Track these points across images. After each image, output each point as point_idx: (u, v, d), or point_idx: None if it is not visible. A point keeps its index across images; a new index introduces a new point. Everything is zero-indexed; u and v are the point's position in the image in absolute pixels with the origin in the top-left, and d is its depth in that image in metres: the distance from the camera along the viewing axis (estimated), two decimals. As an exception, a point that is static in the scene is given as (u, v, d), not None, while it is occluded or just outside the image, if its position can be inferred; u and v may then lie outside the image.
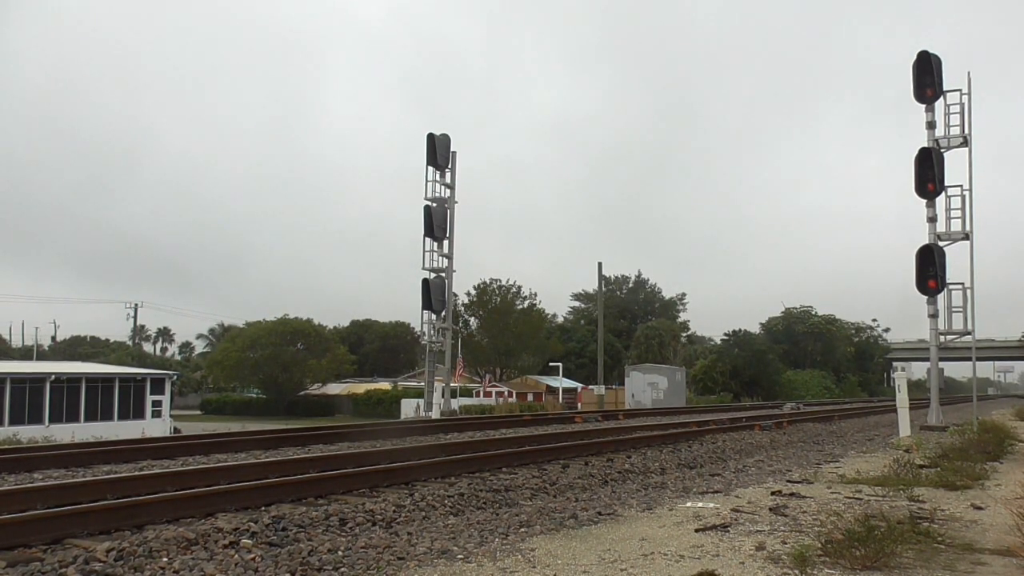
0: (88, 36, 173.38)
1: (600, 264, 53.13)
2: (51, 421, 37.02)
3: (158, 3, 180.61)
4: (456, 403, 37.73)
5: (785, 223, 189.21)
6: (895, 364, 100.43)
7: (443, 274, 29.57)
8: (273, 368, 68.92)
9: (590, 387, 56.40)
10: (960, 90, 22.47)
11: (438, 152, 29.63)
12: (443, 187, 29.81)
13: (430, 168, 29.67)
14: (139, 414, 41.24)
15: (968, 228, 21.99)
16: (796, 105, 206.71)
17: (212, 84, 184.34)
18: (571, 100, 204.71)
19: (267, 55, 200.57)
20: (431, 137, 29.58)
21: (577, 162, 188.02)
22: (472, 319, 73.31)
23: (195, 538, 6.51)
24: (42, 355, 77.88)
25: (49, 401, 37.56)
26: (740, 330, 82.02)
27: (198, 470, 9.77)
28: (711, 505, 8.80)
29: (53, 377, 38.22)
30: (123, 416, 40.12)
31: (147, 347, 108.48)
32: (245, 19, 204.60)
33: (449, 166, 30.04)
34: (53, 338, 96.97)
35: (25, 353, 78.91)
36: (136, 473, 9.91)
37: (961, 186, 22.20)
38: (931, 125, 22.77)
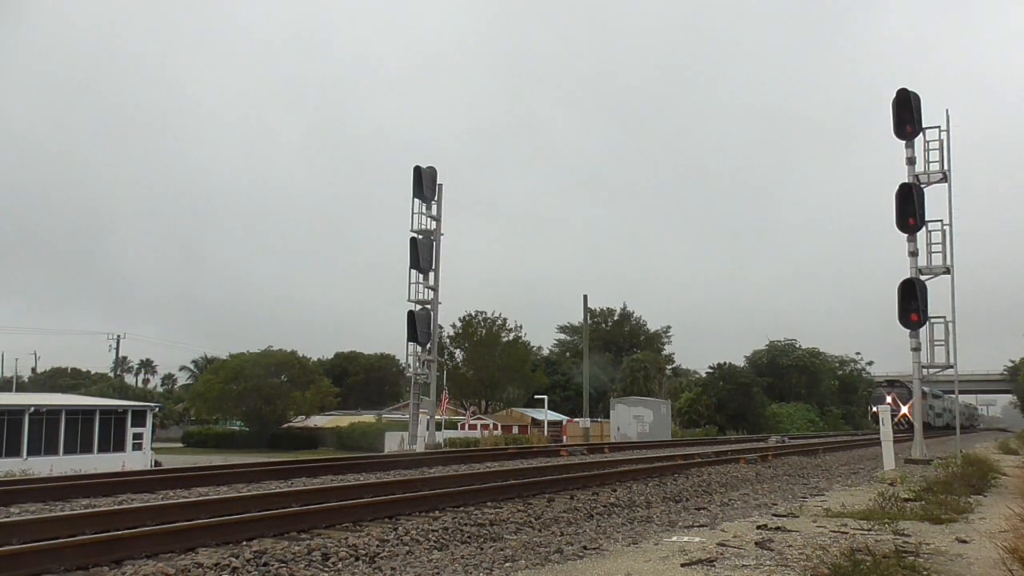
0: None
1: (585, 297, 53.34)
2: (29, 454, 36.40)
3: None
4: (441, 436, 37.46)
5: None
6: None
7: (428, 306, 29.54)
8: (256, 400, 68.26)
9: (575, 420, 56.21)
10: (939, 127, 22.83)
11: (424, 184, 29.71)
12: (429, 219, 29.88)
13: (416, 200, 29.74)
14: (119, 447, 40.63)
15: (949, 262, 22.20)
16: (788, 156, 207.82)
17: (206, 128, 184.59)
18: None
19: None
20: (417, 169, 29.68)
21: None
22: (457, 351, 73.23)
23: (175, 573, 6.43)
24: (22, 386, 76.84)
25: (28, 433, 36.96)
26: (725, 363, 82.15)
27: (178, 504, 9.66)
28: (697, 539, 8.75)
29: (32, 409, 37.65)
30: (103, 449, 39.51)
31: (129, 379, 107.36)
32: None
33: (435, 198, 30.13)
34: (33, 369, 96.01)
35: (4, 384, 77.90)
36: (115, 507, 9.78)
37: (941, 221, 22.48)
38: (911, 161, 23.07)
